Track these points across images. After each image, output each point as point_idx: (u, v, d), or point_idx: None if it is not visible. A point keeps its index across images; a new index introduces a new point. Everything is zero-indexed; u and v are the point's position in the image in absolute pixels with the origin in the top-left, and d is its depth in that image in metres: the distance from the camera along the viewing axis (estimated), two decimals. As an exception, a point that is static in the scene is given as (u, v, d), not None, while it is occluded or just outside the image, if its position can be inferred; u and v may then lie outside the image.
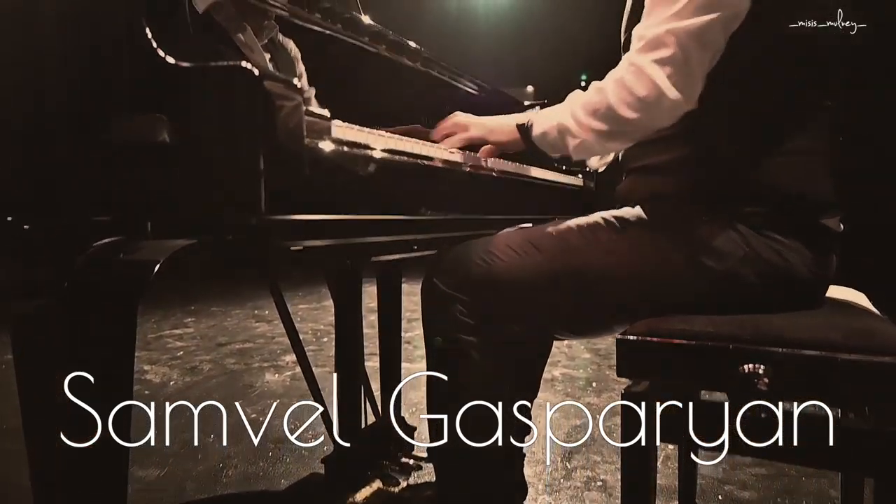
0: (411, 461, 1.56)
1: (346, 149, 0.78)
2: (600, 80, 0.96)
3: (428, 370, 1.12)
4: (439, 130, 1.13)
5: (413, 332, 3.30)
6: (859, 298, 1.07)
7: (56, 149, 0.81)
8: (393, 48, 1.22)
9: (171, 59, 0.70)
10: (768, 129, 0.92)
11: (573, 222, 1.04)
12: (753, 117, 0.93)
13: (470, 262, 1.05)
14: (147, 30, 0.70)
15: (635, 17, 1.03)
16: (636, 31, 0.91)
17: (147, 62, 0.70)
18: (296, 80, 0.70)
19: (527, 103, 1.97)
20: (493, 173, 1.17)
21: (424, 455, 1.57)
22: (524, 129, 1.07)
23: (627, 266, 0.98)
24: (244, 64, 0.66)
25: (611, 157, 1.44)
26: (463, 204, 1.13)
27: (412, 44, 1.25)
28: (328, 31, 1.08)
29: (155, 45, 0.70)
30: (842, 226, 0.97)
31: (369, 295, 1.62)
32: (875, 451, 0.78)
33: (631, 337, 0.89)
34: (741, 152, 0.93)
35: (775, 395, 0.81)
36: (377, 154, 0.85)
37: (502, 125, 1.12)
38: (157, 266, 0.89)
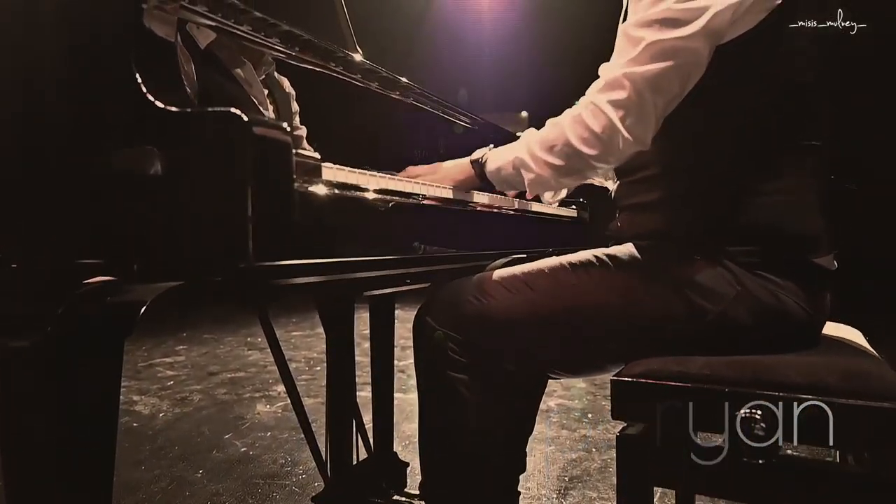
0: (403, 498, 1.53)
1: (336, 191, 0.78)
2: None
3: (420, 408, 1.11)
4: None
5: (406, 361, 3.28)
6: (855, 336, 1.06)
7: (44, 190, 0.80)
8: (385, 84, 1.23)
9: (159, 104, 0.69)
10: (756, 169, 0.92)
11: (565, 260, 1.04)
12: (740, 157, 0.93)
13: (462, 301, 1.05)
14: (137, 74, 0.69)
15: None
16: (600, 69, 0.93)
17: (136, 105, 0.70)
18: (287, 123, 0.70)
19: (519, 135, 1.98)
20: (487, 208, 1.17)
21: (417, 493, 1.54)
22: (478, 165, 1.09)
23: (620, 306, 0.97)
24: (233, 110, 0.65)
25: (564, 192, 1.46)
26: (457, 240, 1.13)
27: (403, 79, 1.26)
28: (320, 70, 1.08)
29: (144, 89, 0.70)
30: (836, 263, 0.97)
31: (363, 320, 1.61)
32: (875, 497, 0.77)
33: (626, 379, 0.88)
34: (729, 191, 0.93)
35: (773, 439, 0.79)
36: (369, 195, 0.84)
37: (457, 164, 1.13)
38: (143, 308, 0.88)
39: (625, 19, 1.04)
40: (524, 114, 9.36)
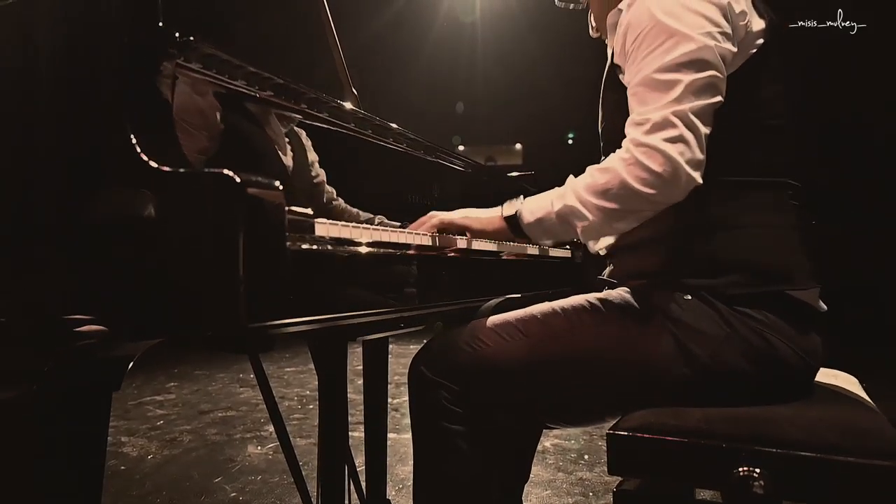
0: (397, 549, 1.49)
1: (329, 247, 0.78)
2: (589, 145, 0.97)
3: (415, 459, 1.09)
4: (419, 226, 1.11)
5: (401, 398, 3.23)
6: (851, 385, 1.06)
7: (35, 246, 0.80)
8: (378, 132, 1.24)
9: (153, 164, 0.70)
10: (731, 205, 0.96)
11: (558, 305, 1.04)
12: (717, 194, 0.96)
13: (456, 349, 1.04)
14: (132, 135, 0.70)
15: (611, 108, 1.05)
16: (635, 117, 0.93)
17: (131, 165, 0.70)
18: (305, 170, 0.68)
19: (514, 174, 1.99)
20: (482, 255, 1.17)
21: (411, 542, 1.50)
22: (513, 220, 1.06)
23: (614, 353, 0.97)
24: (226, 172, 0.66)
25: (606, 241, 1.44)
26: (453, 287, 1.12)
27: (394, 125, 1.27)
28: (316, 121, 1.09)
29: (139, 149, 0.70)
30: (824, 305, 0.98)
31: (356, 355, 1.58)
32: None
33: (622, 433, 0.87)
34: (706, 227, 0.96)
35: (772, 496, 0.78)
36: (362, 249, 0.84)
37: (487, 218, 1.10)
38: (131, 364, 0.87)
39: (610, 70, 1.06)
40: (518, 146, 9.49)
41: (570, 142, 8.32)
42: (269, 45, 2.04)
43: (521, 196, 1.07)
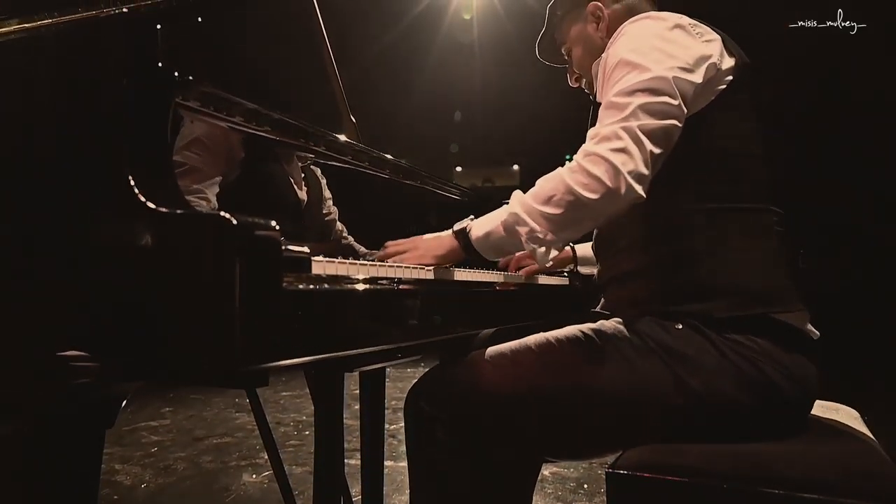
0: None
1: (326, 286, 0.77)
2: None
3: (412, 492, 1.08)
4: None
5: (398, 424, 3.20)
6: (852, 419, 1.05)
7: (32, 285, 0.79)
8: (374, 164, 1.24)
9: (151, 204, 0.70)
10: (710, 232, 0.99)
11: (553, 336, 1.03)
12: (696, 222, 0.99)
13: (453, 383, 1.03)
14: (130, 177, 0.70)
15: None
16: (589, 132, 0.97)
17: (127, 205, 0.70)
18: (320, 204, 0.68)
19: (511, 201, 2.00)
20: (479, 287, 1.16)
21: (408, 577, 1.48)
22: (462, 235, 1.06)
23: (609, 386, 0.97)
24: (223, 214, 0.65)
25: (553, 253, 1.44)
26: (451, 319, 1.12)
27: (389, 156, 1.27)
28: (315, 156, 1.10)
29: (136, 189, 0.70)
30: (815, 331, 0.99)
31: (353, 379, 1.56)
32: None
33: (622, 471, 0.86)
34: (688, 255, 0.99)
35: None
36: (359, 286, 0.84)
37: (438, 237, 1.11)
38: (124, 402, 0.86)
39: (594, 110, 1.09)
40: (516, 167, 9.54)
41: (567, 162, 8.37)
42: (267, 74, 2.05)
43: (472, 216, 1.08)
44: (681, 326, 0.96)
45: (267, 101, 1.02)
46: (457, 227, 1.09)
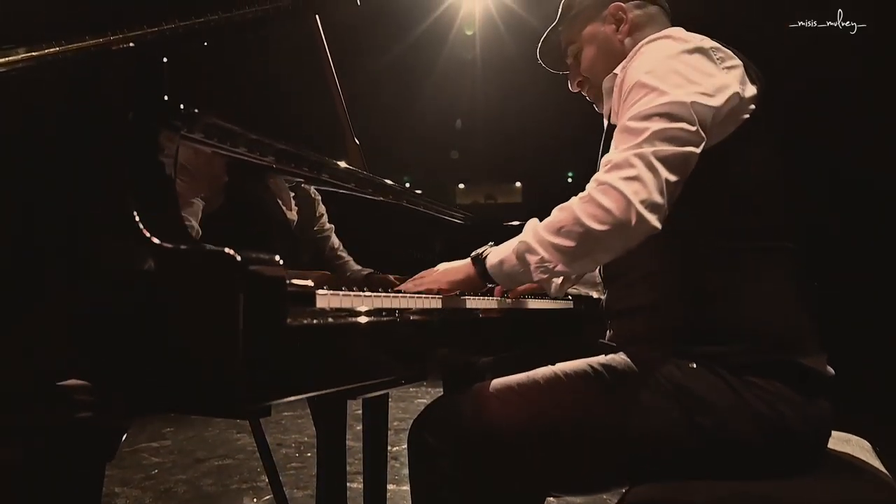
0: None
1: (331, 319, 0.77)
2: (586, 179, 0.97)
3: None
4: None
5: (400, 447, 3.17)
6: (864, 451, 1.03)
7: (39, 319, 0.79)
8: (378, 190, 1.24)
9: (156, 240, 0.69)
10: (733, 270, 0.95)
11: (560, 370, 1.02)
12: (717, 258, 0.95)
13: (458, 416, 1.02)
14: (135, 212, 0.69)
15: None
16: (603, 159, 0.94)
17: (133, 241, 0.70)
18: (311, 223, 0.67)
19: (514, 223, 1.98)
20: (483, 313, 1.16)
21: None
22: (479, 263, 1.05)
23: (618, 422, 0.95)
24: (227, 250, 0.65)
25: (567, 283, 1.42)
26: (456, 346, 1.11)
27: (389, 181, 1.27)
28: (318, 184, 1.10)
29: (141, 225, 0.70)
30: (831, 369, 0.96)
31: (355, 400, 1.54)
32: None
33: (629, 508, 0.84)
34: (708, 293, 0.95)
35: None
36: (362, 319, 0.83)
37: (456, 265, 1.11)
38: (125, 435, 0.85)
39: (608, 132, 1.07)
40: (518, 184, 9.56)
41: (570, 180, 8.40)
42: (272, 97, 2.06)
43: (491, 243, 1.08)
44: (695, 365, 0.92)
45: (270, 125, 1.02)
46: (474, 253, 1.08)
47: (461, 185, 9.13)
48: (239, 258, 0.65)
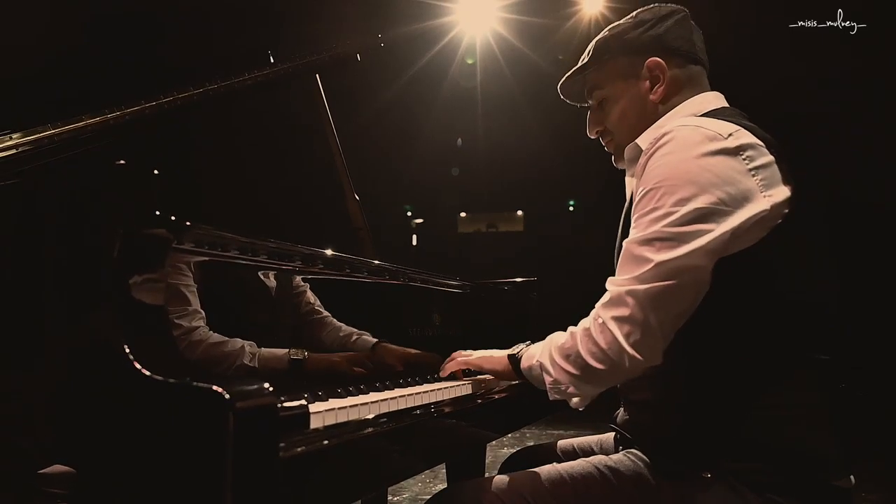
0: None
1: (326, 442, 0.75)
2: (590, 212, 0.95)
3: None
4: (445, 370, 1.23)
5: (400, 497, 3.11)
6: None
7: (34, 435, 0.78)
8: (374, 273, 1.24)
9: (146, 372, 0.68)
10: (761, 381, 0.90)
11: (566, 472, 0.99)
12: (743, 367, 0.90)
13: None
14: (126, 345, 0.68)
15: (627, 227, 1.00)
16: (609, 283, 0.92)
17: (122, 373, 0.68)
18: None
19: (517, 279, 1.95)
20: (480, 401, 1.14)
21: None
22: (515, 360, 1.10)
23: None
24: (215, 388, 0.64)
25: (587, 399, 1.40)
26: (451, 439, 1.11)
27: (385, 263, 1.27)
28: (312, 275, 1.09)
29: (132, 357, 0.68)
30: (853, 478, 0.92)
31: None
32: None
33: None
34: (730, 403, 0.90)
35: None
36: (363, 433, 0.81)
37: (496, 356, 1.15)
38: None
39: (626, 220, 1.02)
40: (520, 213, 9.55)
41: (571, 209, 8.40)
42: (271, 156, 2.06)
43: (528, 341, 1.10)
44: (709, 475, 0.88)
45: (268, 190, 1.01)
46: (513, 349, 1.12)
47: (462, 214, 9.15)
48: (227, 396, 0.63)
